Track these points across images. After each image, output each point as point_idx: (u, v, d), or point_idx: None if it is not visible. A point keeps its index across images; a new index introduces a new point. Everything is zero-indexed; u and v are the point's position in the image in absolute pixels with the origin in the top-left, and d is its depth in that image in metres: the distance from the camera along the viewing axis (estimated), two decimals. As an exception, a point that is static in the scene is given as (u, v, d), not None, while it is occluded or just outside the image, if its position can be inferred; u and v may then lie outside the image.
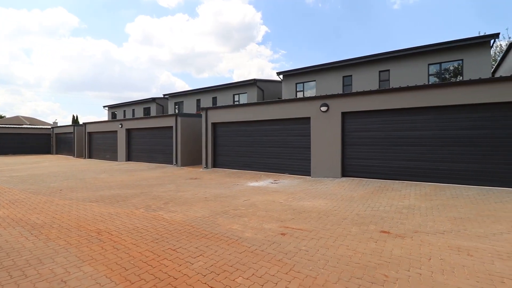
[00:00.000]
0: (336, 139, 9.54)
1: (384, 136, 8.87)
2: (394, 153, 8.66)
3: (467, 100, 7.63)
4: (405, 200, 6.38)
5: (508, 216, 5.05)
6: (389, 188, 7.57)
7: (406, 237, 4.16)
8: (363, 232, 4.39)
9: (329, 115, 9.72)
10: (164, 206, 6.33)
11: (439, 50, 13.56)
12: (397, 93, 8.62)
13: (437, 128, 8.07)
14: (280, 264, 3.35)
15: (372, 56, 15.19)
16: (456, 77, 13.42)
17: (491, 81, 7.46)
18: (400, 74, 14.40)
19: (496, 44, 25.60)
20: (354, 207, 5.90)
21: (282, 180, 9.80)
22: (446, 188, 7.29)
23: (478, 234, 4.21)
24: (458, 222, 4.78)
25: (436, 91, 8.07)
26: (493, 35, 12.57)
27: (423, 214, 5.30)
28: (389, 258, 3.47)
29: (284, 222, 5.02)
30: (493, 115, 7.40)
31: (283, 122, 11.09)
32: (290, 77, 18.18)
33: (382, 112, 8.94)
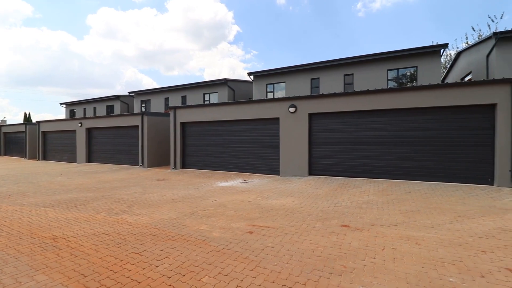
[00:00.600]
0: (303, 139, 9.90)
1: (347, 136, 9.41)
2: (356, 152, 9.23)
3: (420, 103, 8.38)
4: (365, 196, 6.85)
5: (451, 208, 5.67)
6: (351, 185, 8.06)
7: (364, 230, 4.49)
8: (326, 227, 4.64)
9: (297, 116, 10.05)
10: (128, 209, 6.08)
11: (397, 57, 14.70)
12: (359, 96, 9.19)
13: (394, 129, 8.76)
14: (247, 262, 3.43)
15: (338, 60, 15.99)
16: (412, 82, 14.63)
17: (440, 87, 8.28)
18: (363, 78, 15.34)
19: (446, 53, 28.40)
20: (319, 204, 6.19)
21: (252, 179, 9.92)
22: (401, 184, 7.96)
23: (426, 225, 4.68)
24: (409, 215, 5.26)
25: (393, 95, 8.75)
26: (443, 45, 13.95)
27: (380, 208, 5.75)
28: (348, 250, 3.72)
29: (252, 220, 5.11)
30: (441, 118, 8.23)
31: (253, 122, 11.22)
32: (261, 77, 18.42)
33: (345, 114, 9.47)
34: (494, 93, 7.50)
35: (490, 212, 5.37)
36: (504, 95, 7.36)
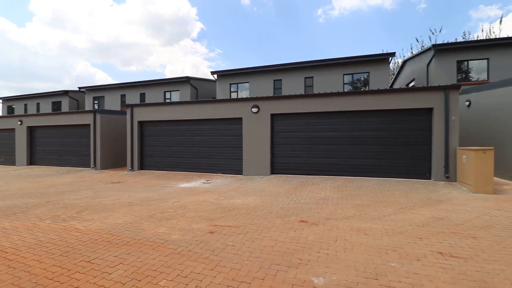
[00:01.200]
0: (266, 139, 10.11)
1: (307, 136, 9.85)
2: (315, 151, 9.72)
3: (371, 106, 9.12)
4: (322, 192, 7.26)
5: (395, 201, 6.29)
6: (310, 183, 8.47)
7: (319, 224, 4.77)
8: (285, 223, 4.83)
9: (259, 116, 10.23)
10: (78, 215, 5.61)
11: (352, 63, 15.81)
12: (318, 98, 9.69)
13: (348, 130, 9.42)
14: (207, 262, 3.41)
15: (299, 63, 16.64)
16: (365, 87, 15.86)
17: (388, 92, 9.12)
18: (322, 81, 16.18)
19: (394, 61, 31.27)
20: (280, 202, 6.40)
21: (215, 179, 9.84)
22: (354, 181, 8.59)
23: (374, 217, 5.14)
24: (360, 208, 5.72)
25: (348, 98, 9.40)
26: (391, 53, 15.36)
27: (335, 203, 6.15)
28: (305, 244, 3.92)
29: (214, 220, 5.09)
30: (389, 120, 9.07)
31: (216, 122, 11.13)
32: (224, 77, 18.32)
33: (305, 115, 9.90)
34: (431, 98, 8.51)
35: (427, 203, 6.09)
36: (439, 100, 8.39)
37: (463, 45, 14.23)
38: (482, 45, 13.78)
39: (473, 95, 10.29)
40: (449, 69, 13.91)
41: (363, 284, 2.86)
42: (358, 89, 15.93)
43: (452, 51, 14.01)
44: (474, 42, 14.63)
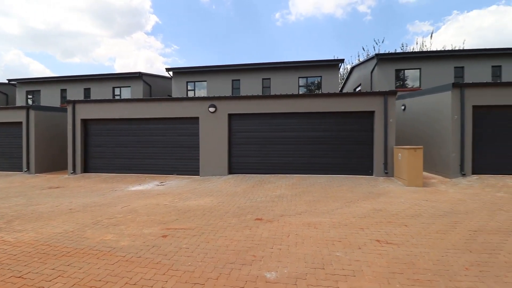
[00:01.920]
0: (223, 139, 10.08)
1: (264, 136, 10.09)
2: (272, 151, 10.01)
3: (322, 108, 9.73)
4: (277, 190, 7.52)
5: (342, 196, 6.83)
6: (267, 181, 8.71)
7: (274, 221, 4.94)
8: (241, 222, 4.89)
9: (217, 116, 10.15)
10: (6, 225, 4.90)
11: (306, 67, 16.65)
12: (275, 100, 9.99)
13: (302, 130, 9.91)
14: (158, 267, 3.29)
15: (257, 64, 16.93)
16: (318, 90, 16.83)
17: (337, 95, 9.83)
18: (278, 82, 16.71)
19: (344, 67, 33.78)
20: (237, 201, 6.45)
21: (170, 181, 9.47)
22: (307, 178, 9.08)
23: (323, 211, 5.51)
24: (311, 204, 6.08)
25: (302, 100, 9.88)
26: (340, 60, 16.59)
27: (289, 200, 6.43)
28: (259, 241, 4.03)
29: (167, 224, 4.91)
30: (337, 121, 9.79)
31: (172, 121, 10.72)
32: (181, 74, 17.72)
33: (262, 115, 10.13)
34: (373, 103, 9.42)
35: (369, 197, 6.74)
36: (379, 104, 9.34)
37: (400, 55, 16.07)
38: (416, 57, 15.72)
39: (407, 100, 11.69)
40: (389, 76, 15.57)
41: (311, 274, 3.06)
42: (312, 92, 16.86)
43: (392, 60, 15.71)
44: (409, 53, 16.66)
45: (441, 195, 6.79)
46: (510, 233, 4.21)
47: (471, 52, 15.12)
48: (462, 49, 17.07)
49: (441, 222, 4.77)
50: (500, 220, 4.84)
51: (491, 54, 14.80)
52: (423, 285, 2.83)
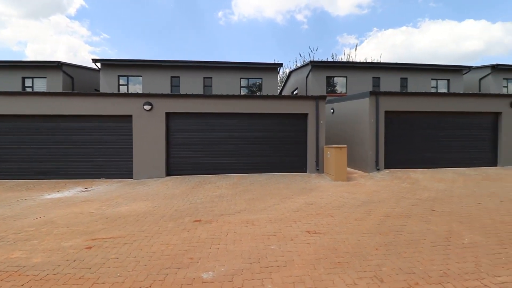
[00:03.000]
0: (160, 139, 9.55)
1: (204, 136, 9.94)
2: (213, 151, 9.94)
3: (262, 110, 10.10)
4: (218, 190, 7.52)
5: (279, 193, 7.25)
6: (208, 182, 8.62)
7: (213, 221, 4.94)
8: (179, 225, 4.74)
9: (153, 115, 9.55)
10: None
11: (248, 68, 17.03)
12: (216, 100, 9.93)
13: (243, 130, 10.12)
14: (81, 282, 2.96)
15: (199, 62, 16.53)
16: (260, 91, 17.39)
17: (276, 98, 10.32)
18: (220, 82, 16.66)
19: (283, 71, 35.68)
20: (174, 204, 6.21)
21: (97, 186, 8.51)
22: (248, 177, 9.33)
23: (261, 208, 5.76)
24: (251, 202, 6.29)
25: (243, 101, 10.08)
26: (279, 64, 17.46)
27: (229, 200, 6.51)
28: (197, 242, 3.99)
29: (93, 234, 4.43)
30: (276, 122, 10.31)
31: (100, 119, 9.62)
32: (112, 67, 16.05)
33: (203, 115, 9.96)
34: (307, 105, 10.25)
35: (302, 192, 7.32)
36: (312, 107, 10.20)
37: (330, 64, 17.86)
38: (343, 66, 17.70)
39: (336, 104, 13.07)
40: (321, 82, 17.14)
41: (247, 270, 3.19)
42: (254, 93, 17.34)
43: (323, 68, 17.33)
44: (338, 62, 18.62)
45: (360, 187, 7.83)
46: (409, 216, 5.14)
47: (385, 65, 17.79)
48: (379, 62, 19.92)
49: (359, 211, 5.51)
50: (403, 206, 5.86)
51: (400, 67, 17.69)
52: (342, 267, 3.25)
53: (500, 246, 3.80)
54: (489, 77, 18.11)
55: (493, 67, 17.97)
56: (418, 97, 10.59)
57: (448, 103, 10.71)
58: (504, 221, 4.84)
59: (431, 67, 17.75)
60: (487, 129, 11.16)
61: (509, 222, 4.78)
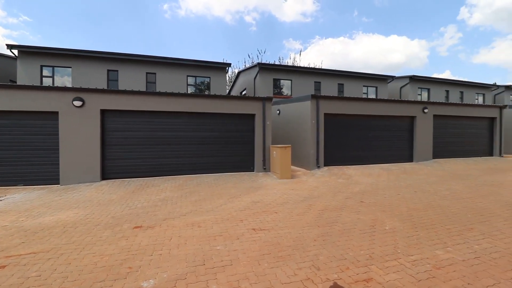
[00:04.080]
0: (94, 139, 8.59)
1: (148, 136, 9.32)
2: (156, 151, 9.38)
3: (210, 109, 9.93)
4: (162, 193, 7.14)
5: (227, 193, 7.25)
6: (150, 185, 8.11)
7: (156, 226, 4.68)
8: (116, 233, 4.36)
9: (85, 112, 8.54)
10: None
11: (195, 66, 16.55)
12: (161, 97, 9.39)
13: (190, 130, 9.81)
14: (-14, 309, 2.49)
15: (141, 56, 15.37)
16: (208, 90, 17.06)
17: (224, 98, 10.26)
18: (165, 78, 15.81)
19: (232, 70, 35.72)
20: (111, 210, 5.68)
21: (13, 195, 7.23)
22: (195, 178, 9.09)
23: (208, 209, 5.69)
24: (197, 203, 6.15)
25: (191, 99, 9.75)
26: (228, 64, 17.40)
27: (174, 202, 6.25)
28: (137, 250, 3.73)
29: (7, 250, 3.76)
30: (224, 122, 10.27)
31: (17, 116, 8.18)
32: (33, 55, 13.80)
33: (146, 113, 9.32)
34: (254, 106, 10.47)
35: (250, 191, 7.46)
36: (259, 108, 10.48)
37: (277, 67, 18.56)
38: (289, 70, 18.58)
39: (281, 106, 13.68)
40: (268, 84, 17.72)
41: (192, 273, 3.12)
42: (201, 92, 16.95)
43: (270, 70, 17.94)
44: (284, 66, 19.43)
45: (303, 184, 8.37)
46: (343, 208, 5.70)
47: (325, 71, 19.33)
48: (320, 68, 21.52)
49: (301, 206, 5.89)
50: (339, 200, 6.47)
51: (338, 74, 19.43)
52: (284, 260, 3.43)
53: (413, 230, 4.50)
54: (408, 86, 21.27)
55: (410, 78, 21.15)
56: (352, 102, 11.81)
57: (376, 108, 12.22)
58: (417, 208, 5.75)
59: (363, 75, 19.97)
60: (406, 131, 13.09)
61: (421, 209, 5.70)
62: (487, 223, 4.78)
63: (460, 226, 4.66)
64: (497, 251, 3.67)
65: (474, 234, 4.27)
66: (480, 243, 3.95)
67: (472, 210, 5.55)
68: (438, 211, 5.53)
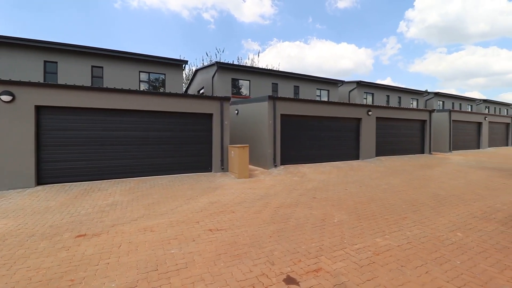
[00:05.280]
0: (27, 139, 7.56)
1: (92, 135, 8.52)
2: (103, 152, 8.64)
3: (165, 108, 9.49)
4: (110, 198, 6.62)
5: (183, 194, 7.04)
6: (96, 189, 7.44)
7: (102, 233, 4.33)
8: (55, 244, 3.92)
9: (16, 108, 7.46)
10: None
11: (149, 61, 15.64)
12: (108, 93, 8.66)
13: (142, 129, 9.25)
14: None
15: (85, 47, 13.97)
16: (163, 87, 16.26)
17: (182, 96, 9.90)
18: (114, 74, 14.64)
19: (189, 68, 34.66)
20: (49, 219, 5.07)
21: None
22: (148, 180, 8.62)
23: (162, 212, 5.45)
24: (150, 207, 5.85)
25: (144, 97, 9.19)
26: (184, 61, 16.84)
27: (124, 207, 5.85)
28: (80, 261, 3.41)
29: None
30: (180, 121, 9.93)
31: None
32: None
33: (91, 111, 8.52)
34: (211, 106, 10.34)
35: (207, 192, 7.36)
36: (217, 108, 10.38)
37: (235, 67, 18.57)
38: (247, 70, 18.75)
39: (240, 106, 13.75)
40: (227, 83, 17.64)
41: (143, 280, 2.97)
42: (156, 89, 16.11)
43: (229, 70, 17.87)
44: (242, 66, 19.54)
45: (260, 183, 8.55)
46: (297, 205, 5.99)
47: (282, 73, 19.96)
48: (278, 70, 22.14)
49: (258, 204, 6.01)
50: (293, 197, 6.77)
51: (294, 77, 20.22)
52: (241, 258, 3.48)
53: (357, 221, 4.94)
54: (355, 90, 23.17)
55: (358, 83, 23.07)
56: (307, 104, 12.44)
57: (328, 110, 13.06)
58: (361, 201, 6.32)
59: (317, 79, 21.15)
60: (353, 131, 14.26)
61: (364, 202, 6.28)
62: (418, 212, 5.49)
63: (396, 215, 5.26)
64: (425, 236, 4.24)
65: (407, 222, 4.87)
66: (412, 230, 4.52)
67: (406, 201, 6.31)
68: (378, 203, 6.16)
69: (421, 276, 3.06)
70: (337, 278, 3.01)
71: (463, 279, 2.99)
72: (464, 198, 6.60)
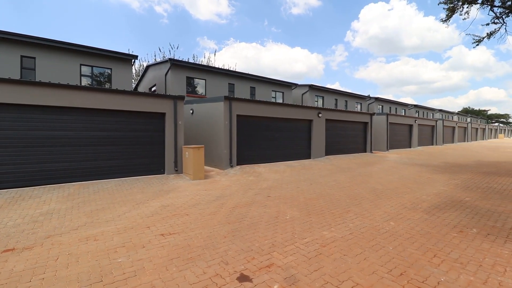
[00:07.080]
0: None
1: (21, 136, 7.45)
2: (35, 155, 7.61)
3: (111, 106, 8.75)
4: (44, 206, 5.88)
5: (132, 199, 6.61)
6: (27, 197, 6.53)
7: (35, 246, 3.85)
8: (-30, 263, 3.35)
9: None
10: None
11: (92, 54, 14.24)
12: (42, 88, 7.66)
13: (82, 129, 8.39)
14: None
15: (12, 34, 12.09)
16: (109, 83, 14.95)
17: (130, 94, 9.23)
18: (50, 66, 13.00)
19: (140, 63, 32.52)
20: (-37, 234, 4.31)
21: None
22: (91, 185, 7.87)
23: (107, 219, 5.05)
24: (93, 214, 5.37)
25: (86, 93, 8.33)
26: (134, 56, 15.73)
27: (62, 216, 5.26)
28: (8, 279, 2.99)
29: None
30: (129, 120, 9.27)
31: None
32: None
33: (19, 107, 7.44)
34: (164, 105, 9.90)
35: (159, 195, 7.04)
36: (170, 107, 9.98)
37: (191, 65, 18.02)
38: (203, 69, 18.36)
39: (195, 105, 13.42)
40: (181, 82, 17.04)
41: (85, 293, 2.74)
42: (101, 85, 14.75)
43: (183, 68, 17.29)
44: (197, 65, 19.02)
45: (216, 184, 8.50)
46: (252, 204, 6.11)
47: (239, 74, 20.04)
48: (234, 70, 22.11)
49: (213, 206, 5.98)
50: (249, 196, 6.89)
51: (250, 78, 20.47)
52: (194, 261, 3.43)
53: (308, 216, 5.27)
54: (307, 93, 24.48)
55: (310, 86, 24.41)
56: (263, 105, 12.74)
57: (283, 111, 13.57)
58: (311, 198, 6.74)
59: (272, 81, 21.76)
60: (305, 132, 15.07)
61: (314, 198, 6.71)
62: (359, 205, 6.08)
63: (341, 209, 5.75)
64: (364, 227, 4.72)
65: (350, 215, 5.36)
66: (354, 221, 4.99)
67: (350, 196, 6.93)
68: (326, 199, 6.65)
69: (360, 262, 3.41)
70: (287, 271, 3.18)
71: (394, 262, 3.43)
72: (397, 191, 7.52)
